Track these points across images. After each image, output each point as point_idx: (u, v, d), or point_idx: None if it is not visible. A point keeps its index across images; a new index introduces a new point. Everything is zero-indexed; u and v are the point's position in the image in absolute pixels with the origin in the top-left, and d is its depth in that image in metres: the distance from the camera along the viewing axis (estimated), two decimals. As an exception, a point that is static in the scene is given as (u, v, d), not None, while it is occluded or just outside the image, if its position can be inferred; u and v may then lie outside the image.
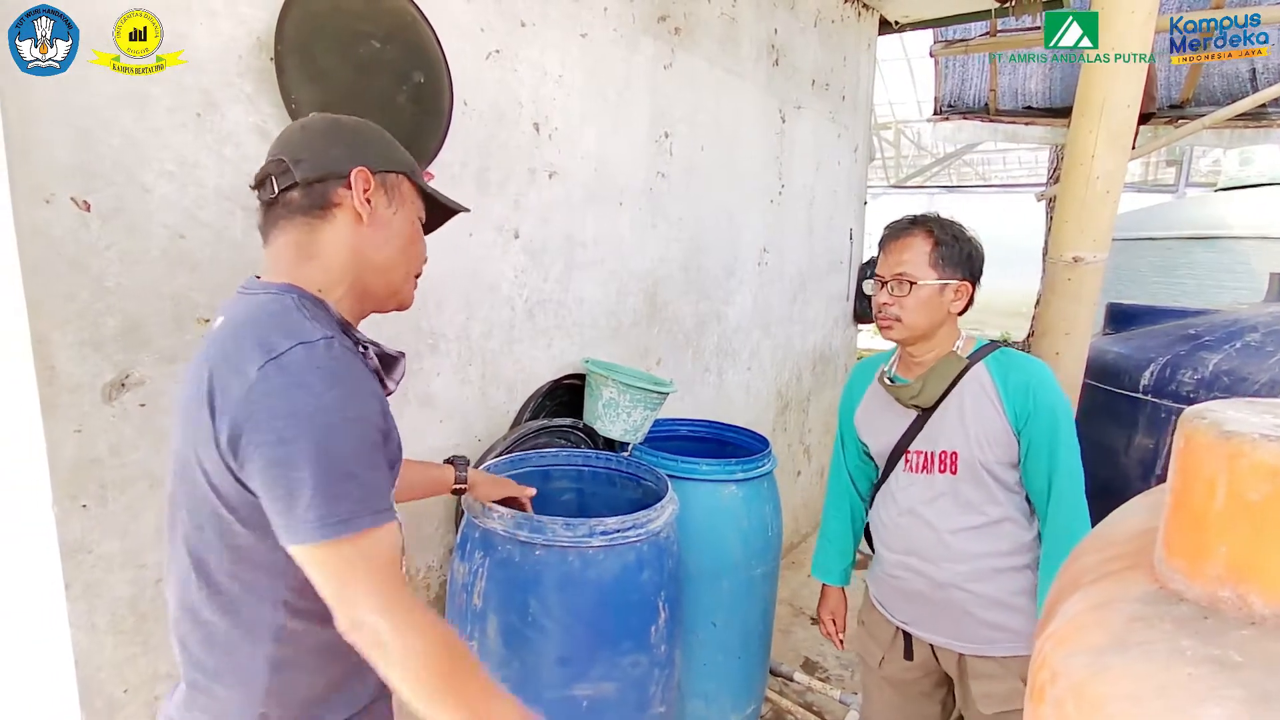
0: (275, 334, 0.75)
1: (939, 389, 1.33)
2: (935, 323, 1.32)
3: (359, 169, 0.85)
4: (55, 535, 1.08)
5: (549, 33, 1.81)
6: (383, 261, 0.89)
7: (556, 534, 1.35)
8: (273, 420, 0.70)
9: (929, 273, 1.30)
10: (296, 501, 0.70)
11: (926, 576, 1.38)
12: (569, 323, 2.02)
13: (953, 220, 1.37)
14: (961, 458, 1.32)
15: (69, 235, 1.05)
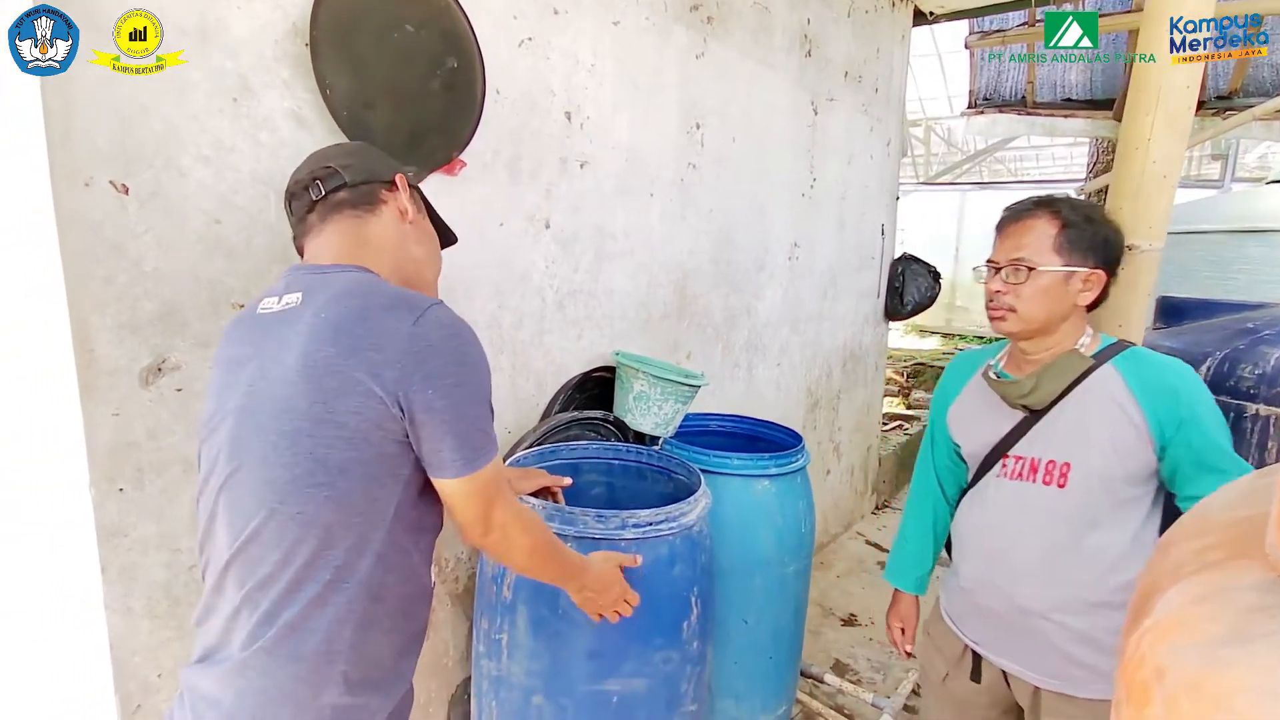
0: (404, 295, 0.86)
1: (1055, 388, 1.18)
2: (1057, 316, 1.17)
3: (403, 173, 1.00)
4: (92, 518, 1.08)
5: (581, 20, 1.79)
6: (421, 255, 1.02)
7: (588, 526, 1.33)
8: (448, 366, 0.83)
9: (1052, 258, 1.15)
10: (470, 435, 0.85)
11: (1009, 598, 1.23)
12: (599, 314, 2.00)
13: (1086, 200, 1.23)
14: (1076, 470, 1.16)
15: (108, 219, 1.05)
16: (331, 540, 0.83)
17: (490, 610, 1.43)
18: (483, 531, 0.92)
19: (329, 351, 0.81)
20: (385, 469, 0.85)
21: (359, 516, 0.84)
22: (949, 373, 1.46)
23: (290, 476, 0.82)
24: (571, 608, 1.34)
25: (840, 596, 3.10)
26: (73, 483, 1.07)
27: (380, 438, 0.83)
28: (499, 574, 1.41)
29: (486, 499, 0.90)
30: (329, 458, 0.82)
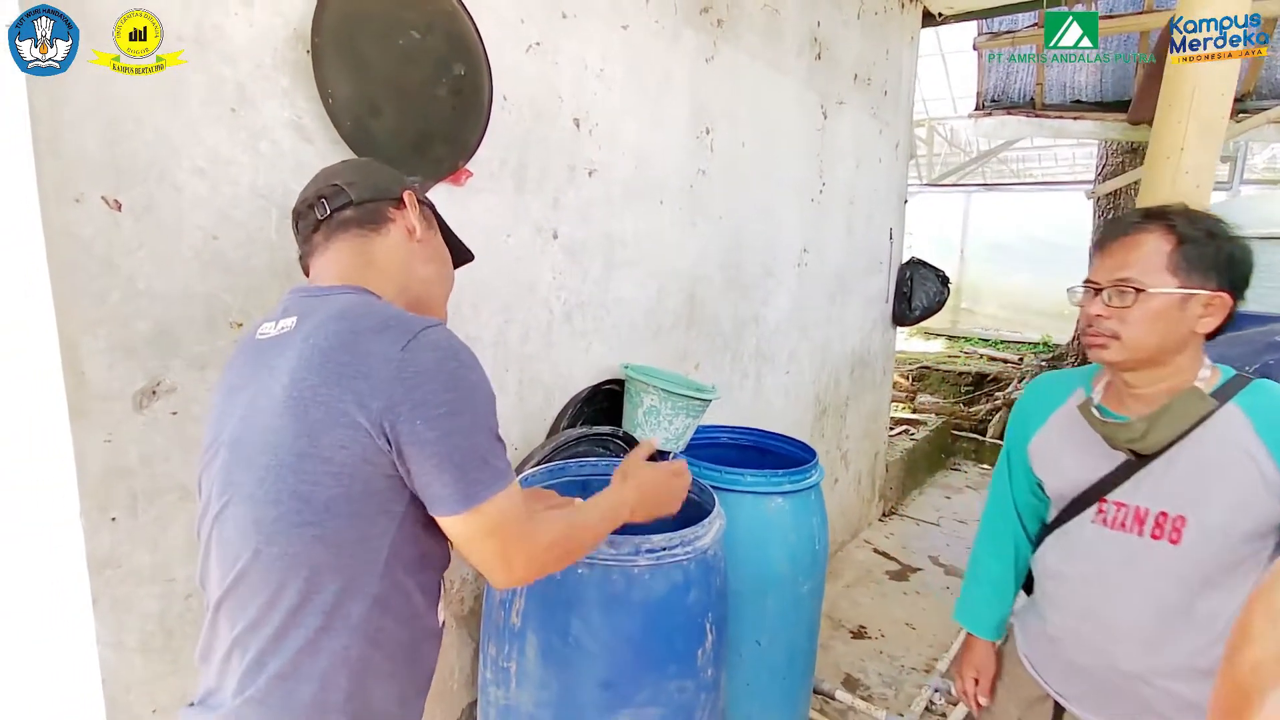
0: (397, 317, 0.80)
1: (1170, 434, 1.03)
2: (1170, 345, 1.02)
3: (411, 190, 0.95)
4: (83, 548, 1.03)
5: (590, 24, 1.74)
6: (429, 274, 0.97)
7: (600, 551, 1.28)
8: (440, 393, 0.76)
9: (1165, 278, 0.99)
10: (467, 467, 0.77)
11: (1106, 658, 1.11)
12: (607, 325, 1.95)
13: (1206, 213, 1.05)
14: (1192, 525, 1.02)
15: (99, 235, 1.00)
16: (320, 583, 0.78)
17: (498, 637, 1.38)
18: (505, 576, 0.84)
19: (313, 381, 0.76)
20: (376, 506, 0.79)
21: (349, 557, 0.79)
22: (1030, 398, 1.30)
23: (276, 514, 0.77)
24: (583, 635, 1.29)
25: (849, 607, 3.05)
26: (62, 512, 1.02)
27: (369, 473, 0.77)
28: (507, 599, 1.36)
29: (500, 539, 0.82)
30: (314, 495, 0.77)
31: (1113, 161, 4.99)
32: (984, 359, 7.16)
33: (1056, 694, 1.20)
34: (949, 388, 6.28)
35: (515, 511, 0.83)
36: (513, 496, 0.82)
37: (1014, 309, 9.40)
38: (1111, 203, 4.85)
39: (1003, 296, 9.58)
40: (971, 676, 1.36)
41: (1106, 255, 1.07)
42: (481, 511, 0.79)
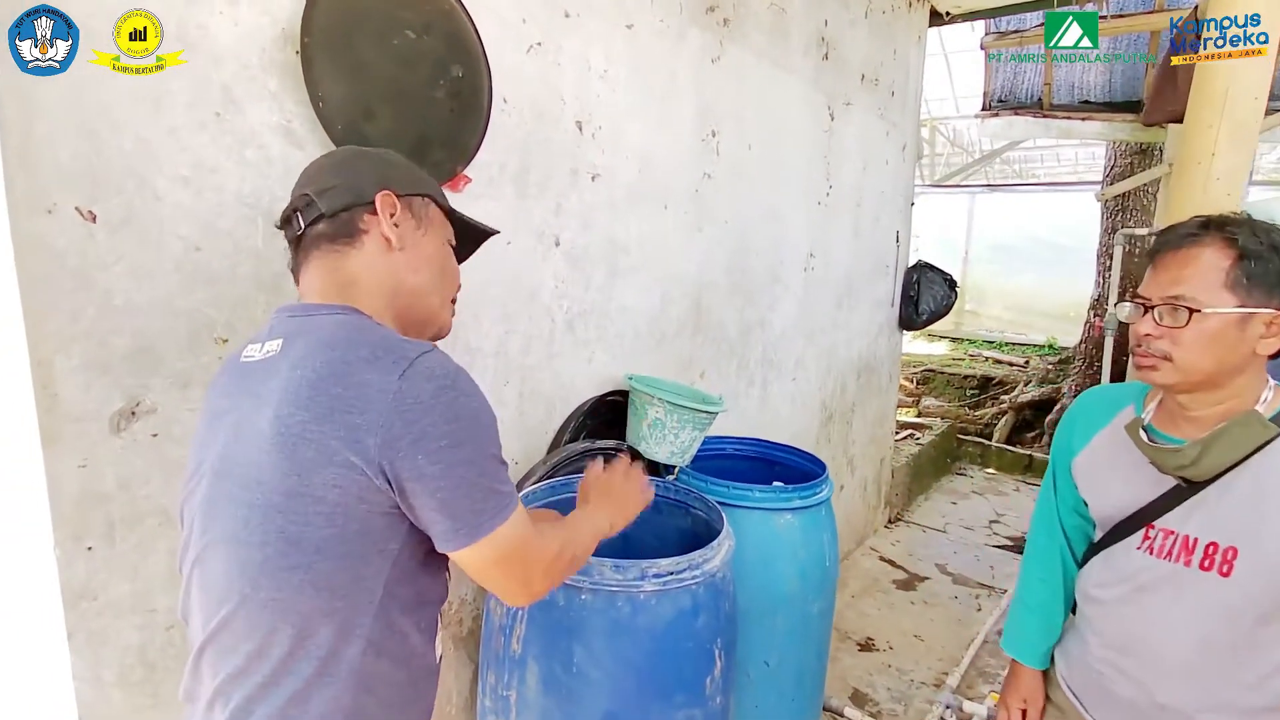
0: (391, 345, 0.75)
1: (1225, 461, 0.95)
2: (1228, 367, 0.94)
3: (384, 193, 0.84)
4: (57, 580, 0.97)
5: (593, 24, 1.68)
6: (417, 286, 0.88)
7: (604, 576, 1.22)
8: (441, 424, 0.71)
9: (1223, 296, 0.92)
10: (473, 498, 0.74)
11: (1147, 692, 1.05)
12: (610, 334, 1.89)
13: (1271, 224, 0.97)
14: (1245, 558, 0.95)
15: (73, 248, 0.94)
16: (311, 629, 0.73)
17: (498, 664, 1.32)
18: (525, 596, 0.84)
19: (303, 416, 0.71)
20: (370, 546, 0.75)
21: (342, 600, 0.74)
22: (1076, 414, 1.22)
23: (262, 557, 0.72)
24: (586, 664, 1.24)
25: (856, 619, 2.99)
26: (35, 542, 0.96)
27: (364, 512, 0.73)
28: (507, 625, 1.30)
29: (513, 562, 0.79)
30: (304, 536, 0.72)
31: (1121, 163, 4.92)
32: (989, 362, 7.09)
33: None
34: (954, 391, 6.22)
35: (525, 533, 0.80)
36: (520, 518, 0.80)
37: (1019, 311, 9.32)
38: (1120, 204, 4.79)
39: (1007, 298, 9.52)
40: (1019, 708, 1.27)
41: (1160, 269, 0.99)
42: (491, 541, 0.76)
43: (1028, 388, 5.90)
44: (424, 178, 0.92)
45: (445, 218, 0.94)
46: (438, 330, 0.93)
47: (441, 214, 0.93)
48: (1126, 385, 1.19)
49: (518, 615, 1.28)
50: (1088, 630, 1.16)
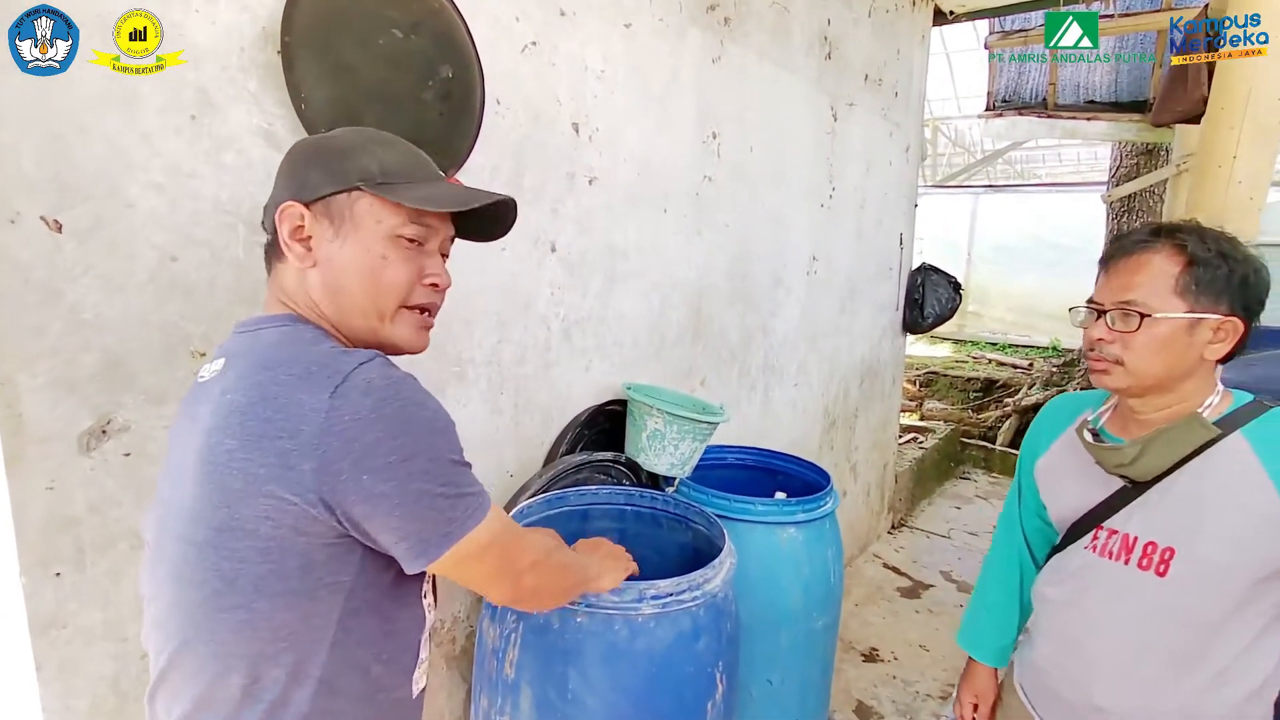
0: (325, 359, 0.68)
1: (1163, 462, 0.98)
2: (1178, 372, 0.96)
3: (283, 206, 0.74)
4: (24, 609, 0.92)
5: (590, 22, 1.63)
6: (346, 303, 0.76)
7: (601, 598, 1.17)
8: (386, 439, 0.65)
9: (1173, 302, 0.94)
10: (436, 509, 0.69)
11: (1084, 691, 1.06)
12: (609, 342, 1.84)
13: (1219, 231, 0.99)
14: (1181, 558, 0.96)
15: (39, 259, 0.89)
16: (258, 673, 0.68)
17: (490, 688, 1.27)
18: (515, 592, 0.82)
19: (230, 444, 0.65)
20: (315, 581, 0.68)
21: (287, 641, 0.68)
22: (1042, 418, 1.25)
23: (200, 598, 0.67)
24: (582, 690, 1.18)
25: (859, 628, 2.94)
26: (0, 570, 0.92)
27: (303, 545, 0.66)
28: (500, 647, 1.25)
29: (499, 554, 0.76)
30: (240, 574, 0.66)
31: (1127, 164, 4.86)
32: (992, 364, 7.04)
33: None
34: (957, 393, 6.16)
35: (503, 525, 0.77)
36: (497, 514, 0.76)
37: (1022, 312, 9.25)
38: (1126, 206, 4.73)
39: (1010, 299, 9.45)
40: (970, 702, 1.32)
41: (1111, 275, 1.01)
42: (467, 541, 0.71)
43: (1032, 390, 5.84)
44: (358, 164, 0.74)
45: (393, 206, 0.75)
46: (395, 349, 0.80)
47: (383, 204, 0.74)
48: (1091, 392, 1.19)
49: (510, 638, 1.23)
50: (1037, 631, 1.19)
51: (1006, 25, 4.10)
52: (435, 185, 0.79)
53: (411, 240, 0.77)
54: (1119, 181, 4.82)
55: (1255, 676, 0.97)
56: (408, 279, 0.77)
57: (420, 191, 0.76)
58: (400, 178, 0.76)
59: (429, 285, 0.80)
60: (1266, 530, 0.91)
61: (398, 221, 0.75)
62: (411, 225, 0.76)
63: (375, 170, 0.74)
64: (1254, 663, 0.96)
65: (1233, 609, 0.95)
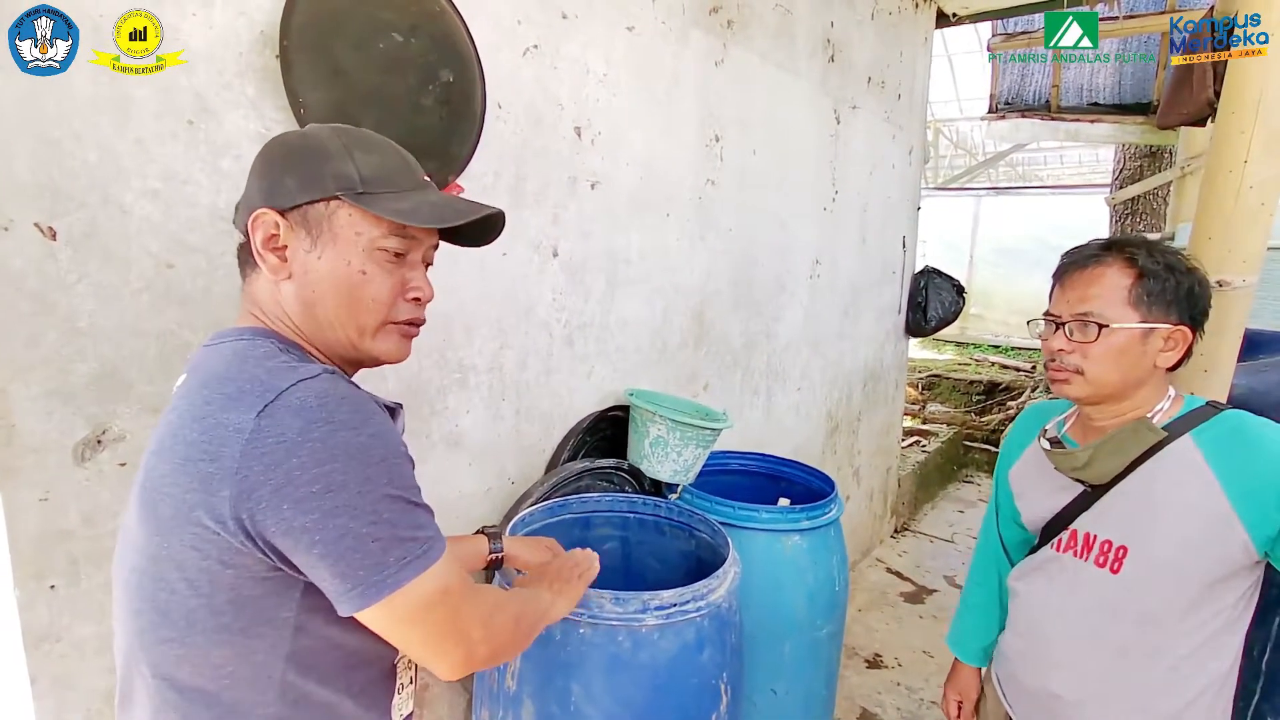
0: (263, 376, 0.63)
1: (1113, 466, 1.03)
2: (1132, 379, 1.02)
3: (257, 213, 0.69)
4: (18, 622, 0.91)
5: (592, 26, 1.62)
6: (323, 317, 0.72)
7: (604, 609, 1.15)
8: (311, 467, 0.59)
9: (1127, 313, 0.99)
10: (364, 551, 0.61)
11: (1043, 680, 1.13)
12: (611, 348, 1.82)
13: (1166, 245, 1.04)
14: (1133, 556, 1.02)
15: (32, 267, 0.88)
16: (196, 713, 0.64)
17: (491, 700, 1.26)
18: (465, 664, 0.69)
19: (163, 469, 0.62)
20: (251, 618, 0.63)
21: (228, 679, 0.64)
22: (1015, 427, 1.29)
23: (138, 628, 0.65)
24: (584, 703, 1.17)
25: (863, 633, 2.91)
26: (-8, 582, 0.90)
27: (231, 579, 0.62)
28: (501, 659, 1.24)
29: (444, 621, 0.66)
30: (172, 606, 0.63)
31: (1130, 166, 4.84)
32: (995, 366, 7.01)
33: (1010, 709, 1.22)
34: (960, 397, 6.14)
35: (450, 584, 0.67)
36: (444, 569, 0.66)
37: (1025, 315, 9.09)
38: (1129, 209, 4.71)
39: (1013, 302, 9.41)
40: (955, 699, 1.37)
41: (1068, 288, 1.06)
42: (403, 597, 0.63)
43: (1034, 393, 5.82)
44: (334, 171, 0.69)
45: (374, 218, 0.70)
46: (376, 361, 0.77)
47: (363, 215, 0.70)
48: (1060, 401, 1.22)
49: (512, 650, 1.21)
50: (1008, 623, 1.25)
51: (1009, 27, 4.08)
52: (420, 194, 0.74)
53: (393, 253, 0.72)
54: (1122, 184, 4.80)
55: (1207, 676, 1.01)
56: (389, 294, 0.73)
57: (404, 203, 0.71)
58: (382, 186, 0.71)
59: (411, 300, 0.76)
60: (1215, 530, 0.95)
61: (379, 234, 0.71)
62: (393, 238, 0.72)
63: (356, 178, 0.70)
64: (1206, 662, 1.00)
65: (1185, 608, 0.99)
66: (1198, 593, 0.98)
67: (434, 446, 1.42)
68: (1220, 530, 0.95)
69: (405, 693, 0.80)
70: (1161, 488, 1.00)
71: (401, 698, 0.79)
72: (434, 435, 1.42)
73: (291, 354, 0.69)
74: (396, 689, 0.78)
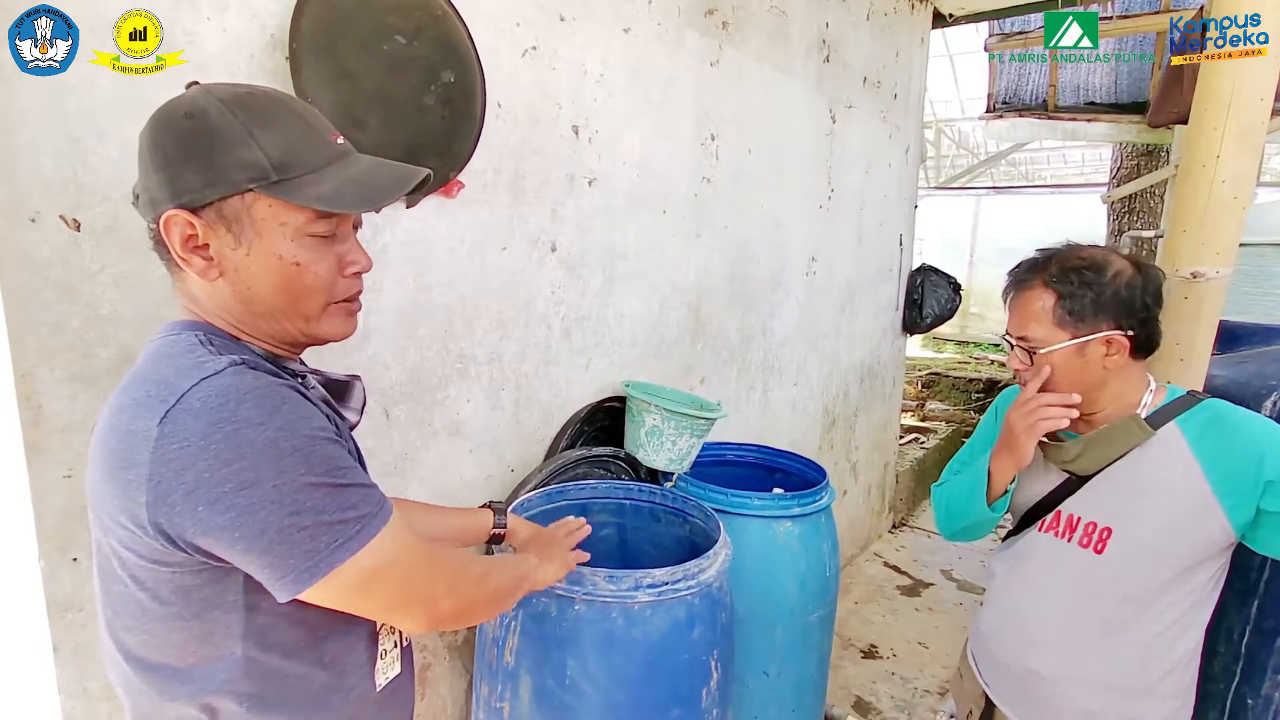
0: (169, 378, 0.62)
1: (1102, 459, 1.08)
2: (1090, 384, 1.07)
3: (167, 215, 0.65)
4: (42, 592, 0.96)
5: (590, 27, 1.67)
6: (263, 310, 0.70)
7: (598, 587, 1.20)
8: (218, 467, 0.59)
9: (1056, 334, 1.05)
10: (292, 541, 0.61)
11: (1020, 657, 1.17)
12: (608, 341, 1.87)
13: (1083, 256, 1.06)
14: (1117, 538, 1.06)
15: (57, 257, 0.93)
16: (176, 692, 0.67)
17: (490, 675, 1.31)
18: (429, 621, 0.72)
19: (95, 475, 0.65)
20: (199, 605, 0.65)
21: (192, 657, 0.66)
22: (1000, 406, 1.32)
23: (106, 617, 0.69)
24: (580, 677, 1.22)
25: (859, 625, 2.96)
26: (19, 554, 0.95)
27: (168, 574, 0.63)
28: (500, 636, 1.29)
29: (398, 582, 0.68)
30: (125, 598, 0.65)
31: (1127, 165, 4.88)
32: (995, 365, 7.04)
33: (985, 686, 1.26)
34: (959, 394, 6.17)
35: (395, 552, 0.67)
36: (390, 536, 0.67)
37: (1024, 312, 9.23)
38: (1126, 207, 4.75)
39: (1013, 301, 9.43)
40: None
41: (1011, 310, 1.12)
42: (348, 571, 0.63)
43: (1034, 391, 5.84)
44: (244, 160, 0.64)
45: (296, 207, 0.67)
46: (321, 341, 0.76)
47: (284, 205, 0.66)
48: None
49: (510, 626, 1.27)
50: (985, 601, 1.29)
51: (1006, 28, 4.12)
52: (338, 169, 0.69)
53: (322, 236, 0.70)
54: (1119, 182, 4.83)
55: (1177, 653, 1.06)
56: (328, 277, 0.71)
57: (324, 184, 0.67)
58: (296, 168, 0.66)
59: (350, 275, 0.74)
60: (1195, 513, 1.00)
61: (304, 220, 0.68)
62: (320, 221, 0.69)
63: (265, 164, 0.65)
64: (1178, 639, 1.06)
65: (1160, 588, 1.04)
66: (1175, 573, 1.03)
67: (435, 434, 1.48)
68: (1201, 513, 1.00)
69: (389, 657, 0.81)
70: (1146, 471, 1.05)
71: (385, 662, 0.81)
72: (435, 424, 1.47)
73: (215, 345, 0.67)
74: (379, 654, 0.79)
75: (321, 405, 0.70)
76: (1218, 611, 1.12)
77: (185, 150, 0.65)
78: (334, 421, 0.70)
